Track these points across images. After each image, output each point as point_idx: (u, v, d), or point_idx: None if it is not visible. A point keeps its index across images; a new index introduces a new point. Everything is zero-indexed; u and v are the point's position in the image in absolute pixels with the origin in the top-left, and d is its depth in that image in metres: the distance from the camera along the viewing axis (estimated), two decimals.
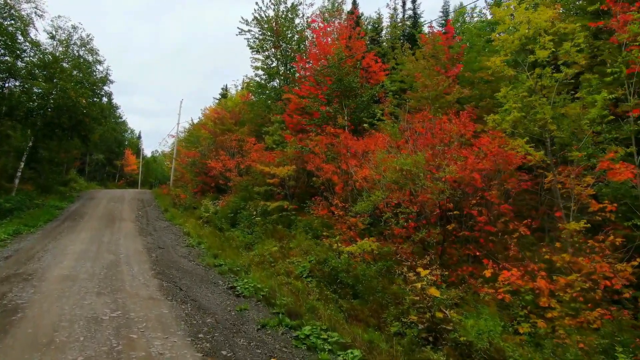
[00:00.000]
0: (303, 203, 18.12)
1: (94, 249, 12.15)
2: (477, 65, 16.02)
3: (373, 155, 11.97)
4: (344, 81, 14.36)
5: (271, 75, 27.51)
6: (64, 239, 13.61)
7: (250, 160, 21.11)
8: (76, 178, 39.92)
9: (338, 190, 13.23)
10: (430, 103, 12.69)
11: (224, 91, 52.50)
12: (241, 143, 23.91)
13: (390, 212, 8.87)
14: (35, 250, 11.66)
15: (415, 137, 9.82)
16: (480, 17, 22.43)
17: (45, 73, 21.57)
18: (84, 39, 25.92)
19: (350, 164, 12.53)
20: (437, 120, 10.43)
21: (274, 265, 12.21)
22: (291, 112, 21.40)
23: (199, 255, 12.66)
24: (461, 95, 12.67)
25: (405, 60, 17.24)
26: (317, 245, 13.29)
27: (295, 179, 17.43)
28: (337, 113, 14.98)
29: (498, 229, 8.68)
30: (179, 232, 17.21)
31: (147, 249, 12.76)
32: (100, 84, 26.28)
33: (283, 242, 13.74)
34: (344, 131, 14.67)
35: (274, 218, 16.34)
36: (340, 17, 26.12)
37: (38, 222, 16.84)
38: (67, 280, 8.47)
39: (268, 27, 26.79)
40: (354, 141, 13.42)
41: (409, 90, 16.35)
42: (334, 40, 21.55)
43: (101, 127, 27.38)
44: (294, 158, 17.55)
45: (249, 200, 19.81)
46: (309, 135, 18.13)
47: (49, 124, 20.63)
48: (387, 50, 21.59)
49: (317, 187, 16.88)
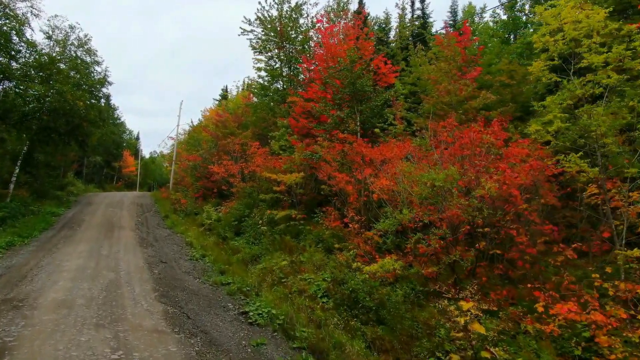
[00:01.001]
0: (311, 211, 17.35)
1: (92, 264, 11.33)
2: (494, 68, 15.29)
3: (391, 165, 11.19)
4: (356, 84, 13.57)
5: (274, 77, 26.72)
6: (60, 253, 12.79)
7: (255, 166, 20.31)
8: (74, 181, 39.02)
9: (352, 200, 12.44)
10: (453, 109, 11.91)
11: (224, 92, 51.73)
12: (244, 147, 23.12)
13: (420, 233, 8.06)
14: (29, 267, 10.84)
15: (442, 147, 9.01)
16: (494, 17, 21.71)
17: (41, 74, 20.72)
18: (81, 39, 25.08)
19: (366, 173, 11.74)
20: (466, 129, 9.64)
21: (285, 282, 11.45)
22: (297, 115, 20.63)
23: (204, 271, 11.86)
24: (487, 101, 11.89)
25: (418, 62, 16.46)
26: (330, 259, 12.55)
27: (303, 187, 16.66)
28: (348, 118, 14.19)
29: (538, 250, 7.91)
30: (181, 242, 16.41)
31: (148, 264, 11.95)
32: (98, 86, 25.43)
33: (293, 256, 12.95)
34: (357, 137, 13.88)
35: (281, 228, 15.55)
36: (346, 17, 25.36)
37: (33, 232, 16.00)
38: (62, 306, 7.66)
39: (271, 28, 26.01)
40: (369, 148, 12.63)
41: (422, 94, 15.58)
42: (341, 41, 20.81)
43: (100, 130, 26.46)
44: (301, 164, 16.78)
45: (253, 207, 19.03)
46: (316, 140, 17.36)
47: (44, 128, 19.70)
48: (396, 51, 20.83)
49: (326, 195, 16.13)
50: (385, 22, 26.25)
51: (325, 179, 12.72)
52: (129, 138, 71.79)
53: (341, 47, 20.45)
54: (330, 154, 13.05)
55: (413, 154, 10.70)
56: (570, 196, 9.61)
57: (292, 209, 16.57)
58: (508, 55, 14.61)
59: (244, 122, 26.22)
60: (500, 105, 12.63)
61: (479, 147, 8.81)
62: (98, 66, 25.83)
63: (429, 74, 16.05)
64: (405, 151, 11.73)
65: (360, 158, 12.58)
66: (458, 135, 9.51)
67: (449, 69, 12.99)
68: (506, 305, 7.72)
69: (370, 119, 14.13)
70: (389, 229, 8.83)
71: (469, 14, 25.97)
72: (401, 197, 9.95)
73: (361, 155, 12.65)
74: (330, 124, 14.40)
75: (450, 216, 8.43)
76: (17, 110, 18.66)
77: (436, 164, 8.65)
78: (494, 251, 8.56)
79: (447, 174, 7.78)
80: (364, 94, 13.96)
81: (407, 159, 12.15)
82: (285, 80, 25.85)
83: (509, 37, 17.75)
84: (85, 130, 22.15)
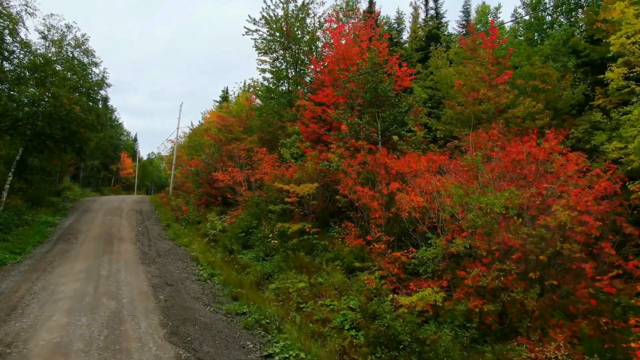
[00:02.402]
0: (324, 223, 16.28)
1: (90, 289, 10.22)
2: (522, 71, 14.27)
3: (423, 179, 10.13)
4: (378, 89, 12.50)
5: (280, 79, 25.63)
6: (55, 274, 11.67)
7: (262, 173, 19.23)
8: (70, 185, 37.81)
9: (374, 216, 11.36)
10: (491, 117, 10.86)
11: (225, 94, 50.56)
12: (250, 153, 22.02)
13: (479, 268, 6.97)
14: (20, 293, 9.73)
15: (492, 164, 7.91)
16: (515, 16, 20.67)
17: (36, 76, 19.54)
18: (78, 39, 23.85)
19: (392, 188, 10.66)
20: (515, 142, 8.58)
21: (304, 308, 10.38)
22: (307, 120, 19.56)
23: (214, 295, 10.78)
24: (533, 110, 10.82)
25: (439, 65, 15.41)
26: (352, 281, 11.49)
27: (317, 197, 15.58)
28: (369, 126, 13.11)
29: (616, 288, 6.87)
30: (186, 257, 15.32)
31: (153, 287, 10.86)
32: (96, 88, 24.25)
33: (311, 278, 11.88)
34: (379, 147, 12.82)
35: (294, 243, 14.45)
36: (356, 17, 24.31)
37: (26, 247, 14.86)
38: (57, 353, 6.56)
39: (277, 27, 24.92)
40: (394, 160, 11.55)
41: (448, 99, 14.52)
42: (352, 42, 19.76)
43: (98, 134, 25.23)
44: (314, 174, 15.70)
45: (261, 218, 17.94)
46: (329, 147, 16.29)
47: (39, 134, 18.42)
48: (410, 52, 19.80)
49: (340, 206, 15.07)
50: (397, 21, 25.25)
51: (347, 193, 11.62)
52: (126, 139, 70.55)
53: (353, 48, 19.43)
54: (350, 165, 11.95)
55: (448, 166, 9.62)
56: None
57: (304, 221, 15.51)
58: (539, 57, 13.56)
59: (248, 125, 25.09)
60: (535, 113, 11.57)
61: (533, 163, 7.75)
62: (96, 67, 24.64)
63: (451, 77, 15.03)
64: (437, 163, 10.68)
65: (384, 170, 11.50)
66: (509, 149, 8.44)
67: (487, 72, 11.87)
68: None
69: (390, 127, 13.03)
70: (436, 258, 7.73)
71: (483, 13, 24.94)
72: (438, 218, 8.91)
73: (385, 167, 11.58)
74: (348, 132, 13.30)
75: (506, 246, 7.36)
76: (9, 115, 17.48)
77: (487, 183, 7.56)
78: (550, 282, 7.51)
79: (506, 198, 6.71)
80: (385, 99, 12.87)
81: (438, 172, 11.12)
82: (292, 82, 24.77)
83: (533, 38, 16.69)
84: (82, 136, 20.90)
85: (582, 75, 13.00)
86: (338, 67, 19.45)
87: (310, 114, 19.40)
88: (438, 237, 8.50)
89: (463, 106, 13.26)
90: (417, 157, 11.73)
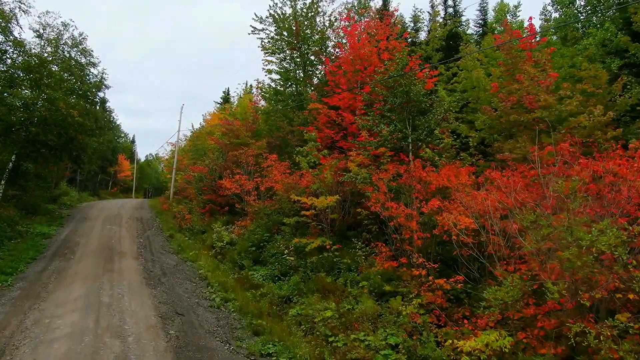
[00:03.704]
0: (343, 237, 15.06)
1: (90, 323, 8.93)
2: (562, 73, 13.07)
3: (469, 196, 8.90)
4: (410, 94, 11.26)
5: (289, 80, 24.38)
6: (50, 301, 10.37)
7: (273, 182, 17.97)
8: (67, 190, 36.38)
9: (408, 235, 10.13)
10: (550, 127, 9.62)
11: (226, 95, 49.28)
12: (259, 159, 20.75)
13: (584, 324, 5.66)
14: (10, 330, 8.44)
15: (581, 187, 6.63)
16: (545, 15, 19.51)
17: (30, 77, 18.21)
18: (75, 38, 22.55)
19: (432, 205, 9.41)
20: (602, 159, 7.31)
21: (333, 342, 9.13)
22: (321, 125, 18.33)
23: (231, 327, 9.52)
24: (603, 119, 9.54)
25: (469, 66, 14.18)
26: (383, 307, 10.26)
27: (336, 211, 14.35)
28: (401, 134, 11.85)
29: None
30: (194, 276, 14.05)
31: (161, 318, 9.59)
32: (94, 90, 22.92)
33: (334, 300, 10.63)
34: (411, 158, 11.57)
35: (314, 261, 13.21)
36: (368, 15, 23.08)
37: (19, 265, 13.55)
38: None
39: (285, 27, 23.69)
40: (432, 173, 10.30)
41: (472, 103, 13.27)
42: (367, 41, 18.55)
43: (96, 139, 23.82)
44: (333, 185, 14.47)
45: (273, 230, 16.68)
46: (349, 155, 15.06)
47: (32, 141, 17.01)
48: (430, 53, 18.60)
49: (362, 219, 13.86)
50: (414, 19, 24.00)
51: (378, 209, 10.36)
52: (124, 141, 69.14)
53: (369, 47, 18.23)
54: (381, 178, 10.69)
55: (502, 183, 8.36)
56: None
57: (322, 237, 14.26)
58: (584, 57, 12.36)
59: (255, 129, 23.80)
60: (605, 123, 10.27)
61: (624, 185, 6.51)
62: (94, 68, 23.30)
63: (482, 79, 13.84)
64: (482, 177, 9.47)
65: (421, 184, 10.25)
66: (585, 166, 7.19)
67: (536, 74, 10.62)
68: None
69: (422, 135, 11.77)
70: (514, 299, 6.46)
71: (502, 12, 23.79)
72: (492, 243, 7.68)
73: (421, 181, 10.33)
74: (378, 142, 12.03)
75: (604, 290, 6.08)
76: (1, 120, 16.11)
77: (576, 213, 6.24)
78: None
79: (615, 234, 5.44)
80: (417, 104, 11.62)
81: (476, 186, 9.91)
82: (301, 83, 23.53)
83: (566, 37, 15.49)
84: (80, 143, 19.48)
85: (632, 78, 11.79)
86: (354, 68, 18.26)
87: (324, 118, 18.18)
88: (490, 261, 7.25)
89: (499, 112, 12.03)
90: (455, 169, 10.50)
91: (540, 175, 7.55)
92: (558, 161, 7.77)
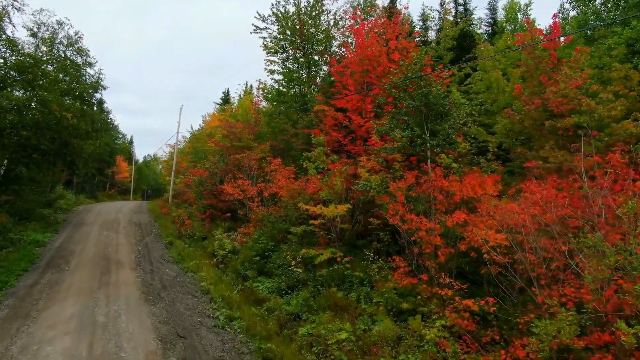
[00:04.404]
0: (353, 247, 14.27)
1: (84, 350, 8.12)
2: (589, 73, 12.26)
3: (504, 209, 8.10)
4: (430, 97, 10.45)
5: (292, 81, 23.56)
6: (40, 321, 9.55)
7: (277, 187, 17.17)
8: (64, 193, 35.51)
9: (427, 248, 9.33)
10: (590, 134, 8.82)
11: (226, 95, 48.45)
12: (262, 163, 19.94)
13: None
14: None
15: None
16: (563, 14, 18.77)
17: (22, 77, 17.33)
18: (71, 37, 21.72)
19: (457, 218, 8.62)
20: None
21: None
22: (327, 128, 17.53)
23: (239, 353, 8.72)
24: None
25: (487, 67, 13.39)
26: (402, 327, 9.48)
27: (346, 220, 13.56)
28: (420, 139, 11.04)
29: None
30: (196, 289, 13.25)
31: (161, 341, 8.79)
32: (91, 91, 22.04)
33: (354, 325, 9.82)
34: (430, 165, 10.75)
35: (324, 274, 12.41)
36: (375, 14, 22.27)
37: (9, 279, 12.72)
38: None
39: (289, 26, 22.88)
40: (455, 182, 9.49)
41: (508, 108, 12.46)
42: (375, 40, 17.75)
43: (93, 142, 22.92)
44: (343, 192, 13.68)
45: (278, 240, 15.86)
46: (359, 160, 14.28)
47: (24, 146, 16.06)
48: (442, 52, 17.82)
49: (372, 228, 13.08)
50: (423, 18, 23.19)
51: (397, 222, 9.56)
52: (122, 142, 68.20)
53: (377, 47, 17.43)
54: (400, 188, 9.88)
55: (541, 196, 7.56)
56: None
57: (331, 247, 13.47)
58: (612, 58, 11.59)
59: (258, 132, 22.97)
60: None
61: None
62: (90, 68, 22.43)
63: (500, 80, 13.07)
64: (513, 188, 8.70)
65: (443, 195, 9.45)
66: None
67: (573, 75, 9.79)
68: None
69: (442, 141, 10.95)
70: (562, 338, 5.64)
71: (512, 10, 23.02)
72: (527, 263, 6.88)
73: (442, 190, 9.53)
74: (394, 147, 11.22)
75: None
76: None
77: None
78: None
79: None
80: (436, 107, 10.81)
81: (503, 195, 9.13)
82: (305, 84, 22.72)
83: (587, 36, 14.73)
84: (74, 148, 18.54)
85: None
86: (362, 68, 17.47)
87: (331, 121, 17.37)
88: (525, 281, 6.44)
89: (522, 115, 11.25)
90: (480, 178, 9.70)
91: (587, 188, 6.77)
92: (608, 173, 6.99)
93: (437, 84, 10.80)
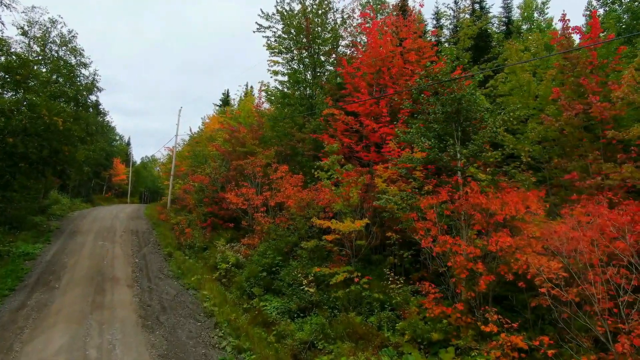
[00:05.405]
0: (368, 262, 13.17)
1: None
2: None
3: (557, 232, 7.00)
4: (462, 103, 9.33)
5: (297, 82, 22.42)
6: (23, 357, 8.38)
7: (284, 197, 16.07)
8: (58, 198, 34.15)
9: (463, 273, 8.21)
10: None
11: (226, 97, 47.28)
12: (267, 169, 18.80)
13: None
14: None
15: None
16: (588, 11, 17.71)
17: (10, 78, 16.14)
18: (64, 35, 20.63)
19: (503, 242, 7.52)
20: None
21: None
22: (338, 133, 16.41)
23: None
24: None
25: (517, 68, 12.28)
26: None
27: (363, 236, 12.44)
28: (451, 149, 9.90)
29: None
30: (198, 311, 12.10)
31: None
32: (85, 92, 20.87)
33: (378, 358, 8.70)
34: (460, 178, 9.64)
35: (339, 296, 11.29)
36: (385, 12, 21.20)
37: None
38: None
39: (294, 24, 21.76)
40: (495, 199, 8.38)
41: (544, 114, 11.33)
42: (388, 40, 16.65)
43: (87, 147, 21.72)
44: (358, 204, 12.57)
45: (286, 252, 14.74)
46: (374, 169, 13.19)
47: (9, 154, 14.76)
48: (459, 53, 16.70)
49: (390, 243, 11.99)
50: (437, 16, 22.10)
51: (429, 244, 8.44)
52: (119, 144, 66.94)
53: (392, 47, 16.34)
54: (432, 206, 8.77)
55: (612, 220, 6.46)
56: None
57: (346, 265, 12.37)
58: None
59: (261, 136, 21.82)
60: None
61: None
62: (85, 69, 21.34)
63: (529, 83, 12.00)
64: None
65: (481, 214, 8.33)
66: None
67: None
68: None
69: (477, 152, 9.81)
70: None
71: (529, 8, 21.97)
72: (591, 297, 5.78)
73: (479, 208, 8.41)
74: (421, 159, 10.07)
75: None
76: None
77: None
78: None
79: None
80: (470, 114, 9.69)
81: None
82: (312, 86, 21.58)
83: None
84: (66, 156, 17.26)
85: None
86: (374, 69, 16.38)
87: (342, 125, 16.26)
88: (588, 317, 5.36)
89: (561, 122, 10.15)
90: (522, 194, 8.60)
91: None
92: None
93: (469, 88, 9.70)
